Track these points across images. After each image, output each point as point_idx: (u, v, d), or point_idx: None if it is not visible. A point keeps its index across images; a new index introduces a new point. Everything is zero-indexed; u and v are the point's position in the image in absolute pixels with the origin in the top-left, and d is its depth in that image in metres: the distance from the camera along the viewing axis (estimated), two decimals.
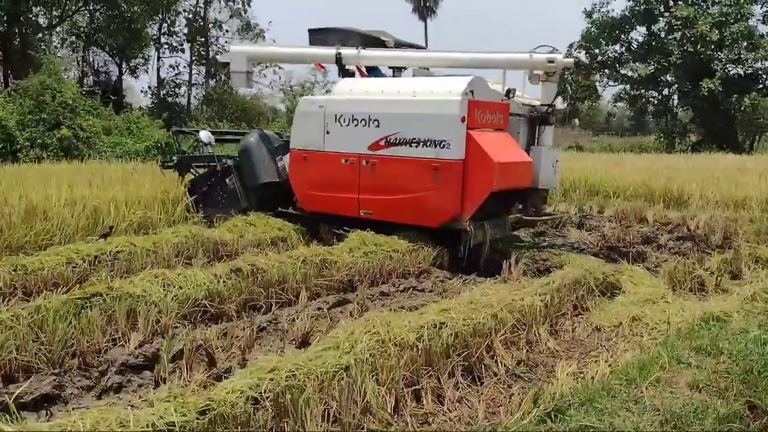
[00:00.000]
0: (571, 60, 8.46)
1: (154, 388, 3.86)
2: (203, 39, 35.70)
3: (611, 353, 4.67)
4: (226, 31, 36.34)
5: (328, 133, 8.34)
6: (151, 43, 33.83)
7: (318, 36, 10.24)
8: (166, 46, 35.22)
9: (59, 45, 32.48)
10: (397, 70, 9.53)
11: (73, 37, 33.03)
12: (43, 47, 27.27)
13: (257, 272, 6.02)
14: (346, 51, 9.29)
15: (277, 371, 3.58)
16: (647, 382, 3.85)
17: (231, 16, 35.94)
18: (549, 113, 8.56)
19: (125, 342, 4.46)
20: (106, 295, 4.94)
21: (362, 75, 9.46)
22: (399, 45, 9.79)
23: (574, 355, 4.76)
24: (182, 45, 35.69)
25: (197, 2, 35.00)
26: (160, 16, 33.24)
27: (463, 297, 5.24)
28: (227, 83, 35.58)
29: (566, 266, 6.70)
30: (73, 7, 30.19)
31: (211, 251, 7.19)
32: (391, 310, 5.32)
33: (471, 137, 7.37)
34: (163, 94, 34.67)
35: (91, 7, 31.12)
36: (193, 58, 36.31)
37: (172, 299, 5.12)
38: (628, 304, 5.76)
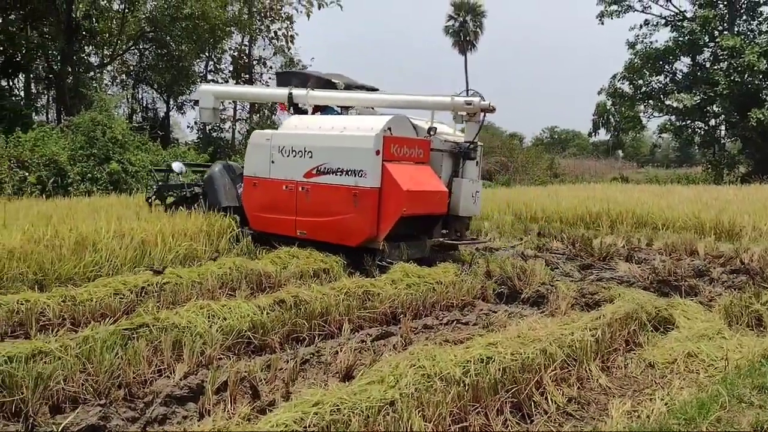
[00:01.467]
0: (487, 103, 9.30)
1: (198, 421, 3.84)
2: (248, 76, 36.47)
3: (667, 391, 4.48)
4: (270, 67, 37.08)
5: (273, 162, 9.48)
6: (198, 80, 34.74)
7: (282, 78, 11.92)
8: (212, 83, 36.14)
9: (110, 83, 33.63)
10: (344, 109, 10.62)
11: (123, 75, 34.16)
12: (94, 85, 28.25)
13: (300, 304, 6.01)
14: (296, 91, 10.52)
15: (321, 405, 3.52)
16: (707, 422, 3.66)
17: (275, 53, 36.67)
18: (470, 149, 9.46)
19: (170, 373, 4.45)
20: (153, 326, 4.98)
21: (314, 113, 10.61)
22: (349, 87, 10.95)
23: (628, 393, 4.58)
24: (227, 81, 36.53)
25: (242, 40, 35.90)
26: (206, 54, 34.19)
27: (509, 331, 5.11)
28: (270, 118, 36.33)
29: (616, 300, 6.50)
30: (124, 47, 31.28)
31: (254, 282, 7.21)
32: (435, 343, 5.22)
33: (386, 168, 8.42)
34: (209, 129, 35.43)
35: (140, 47, 32.21)
36: None
37: (217, 330, 5.13)
38: (682, 339, 5.53)
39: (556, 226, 13.52)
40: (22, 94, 27.68)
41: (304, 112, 10.63)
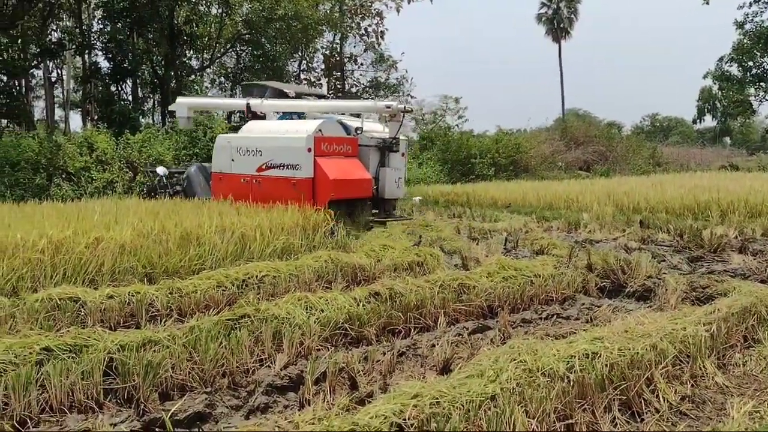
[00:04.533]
0: (403, 106, 11.56)
1: (299, 410, 3.87)
2: (339, 73, 37.05)
3: None
4: (361, 64, 37.48)
5: (233, 160, 11.64)
6: (292, 79, 35.58)
7: (247, 89, 14.64)
8: (305, 81, 36.91)
9: (209, 85, 35.04)
10: (296, 114, 12.58)
11: (222, 77, 35.48)
12: (195, 87, 29.51)
13: (395, 296, 5.99)
14: (253, 101, 12.75)
15: (420, 398, 3.46)
16: None
17: (365, 50, 37.06)
18: (393, 144, 11.71)
19: (271, 363, 4.54)
20: (254, 316, 5.10)
21: (270, 118, 12.94)
22: (299, 96, 13.16)
23: (747, 392, 4.25)
24: (320, 80, 37.25)
25: (334, 38, 36.46)
26: (299, 53, 34.96)
27: (615, 325, 4.86)
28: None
29: (731, 294, 6.08)
30: (222, 50, 32.49)
31: (349, 275, 7.27)
32: (535, 337, 5.05)
33: (317, 162, 10.54)
34: None
35: (237, 49, 33.36)
36: (330, 92, 37.80)
37: (315, 322, 5.19)
38: None
39: (661, 216, 12.85)
40: (130, 98, 29.28)
41: (261, 118, 12.89)
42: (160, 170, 14.23)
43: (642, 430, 3.66)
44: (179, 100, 14.61)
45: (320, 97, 13.94)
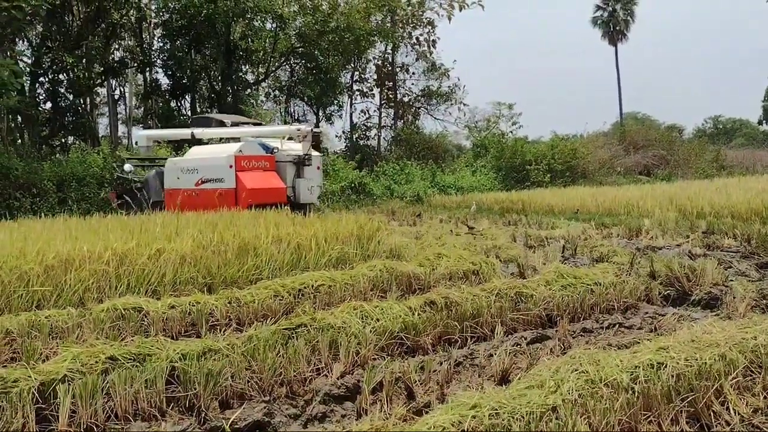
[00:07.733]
0: (310, 129, 14.77)
1: (356, 420, 3.87)
2: (391, 83, 37.20)
3: None
4: (413, 73, 37.55)
5: (178, 178, 14.41)
6: (345, 90, 35.92)
7: (196, 120, 17.55)
8: (358, 93, 37.21)
9: (264, 98, 35.71)
10: (233, 139, 15.19)
11: (276, 90, 36.10)
12: (251, 101, 30.11)
13: (451, 305, 5.94)
14: (196, 130, 15.99)
15: (479, 408, 3.40)
16: None
17: (417, 59, 37.13)
18: (305, 159, 14.48)
19: (328, 372, 4.55)
20: (310, 326, 5.13)
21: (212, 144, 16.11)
22: (236, 124, 15.96)
23: None
24: (372, 90, 37.51)
25: (385, 49, 36.65)
26: (352, 64, 35.27)
27: (681, 335, 4.68)
28: (414, 123, 36.81)
29: None
30: (276, 63, 33.08)
31: (404, 284, 7.24)
32: (597, 347, 4.92)
33: (237, 176, 13.41)
34: (356, 138, 36.48)
35: (291, 62, 33.90)
36: (382, 102, 37.99)
37: (370, 331, 5.18)
38: None
39: (727, 221, 12.38)
40: (189, 113, 30.09)
41: (204, 144, 15.90)
42: (127, 167, 16.47)
43: None
44: (140, 132, 17.71)
45: (256, 124, 17.18)
